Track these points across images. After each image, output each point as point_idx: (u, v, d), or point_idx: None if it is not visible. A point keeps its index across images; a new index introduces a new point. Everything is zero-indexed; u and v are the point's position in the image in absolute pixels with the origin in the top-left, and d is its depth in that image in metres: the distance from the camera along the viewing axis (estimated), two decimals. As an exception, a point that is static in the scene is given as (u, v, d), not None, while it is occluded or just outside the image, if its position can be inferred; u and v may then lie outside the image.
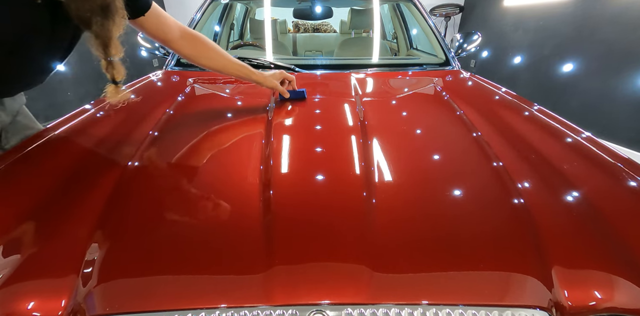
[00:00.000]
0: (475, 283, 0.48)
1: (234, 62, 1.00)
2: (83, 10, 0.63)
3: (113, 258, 0.51)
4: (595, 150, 0.80)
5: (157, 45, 1.69)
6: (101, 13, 0.65)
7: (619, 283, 0.48)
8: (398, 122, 1.00)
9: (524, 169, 0.73)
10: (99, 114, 1.01)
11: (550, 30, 3.33)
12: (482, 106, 1.11)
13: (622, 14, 2.57)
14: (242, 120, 0.99)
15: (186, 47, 0.94)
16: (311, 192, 0.66)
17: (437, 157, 0.81)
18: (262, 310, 0.45)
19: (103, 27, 0.66)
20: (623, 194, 0.67)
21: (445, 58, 1.60)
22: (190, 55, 0.95)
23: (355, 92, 1.19)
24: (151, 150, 0.79)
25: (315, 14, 2.23)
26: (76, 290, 0.46)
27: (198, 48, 0.95)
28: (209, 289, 0.47)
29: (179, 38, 0.91)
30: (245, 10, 2.91)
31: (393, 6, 2.40)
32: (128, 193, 0.65)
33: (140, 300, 0.46)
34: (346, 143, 0.84)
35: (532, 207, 0.61)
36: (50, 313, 0.43)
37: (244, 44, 2.45)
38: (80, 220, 0.57)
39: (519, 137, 0.88)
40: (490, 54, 4.44)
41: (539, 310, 0.46)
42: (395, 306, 0.45)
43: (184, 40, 0.92)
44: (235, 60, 1.01)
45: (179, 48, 0.93)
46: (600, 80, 2.75)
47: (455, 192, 0.66)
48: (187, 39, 0.93)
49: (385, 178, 0.69)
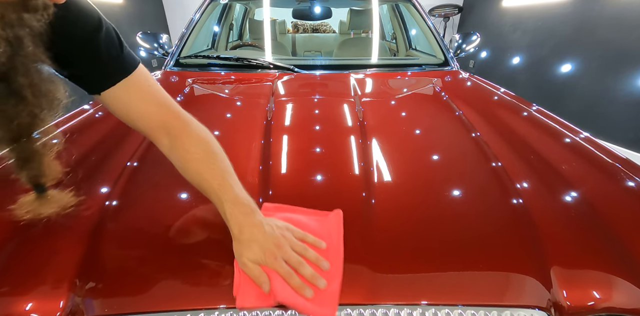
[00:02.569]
0: (474, 283, 0.48)
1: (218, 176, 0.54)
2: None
3: (112, 258, 0.51)
4: (594, 150, 0.81)
5: (155, 46, 1.69)
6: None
7: (618, 283, 0.49)
8: (397, 122, 1.00)
9: (522, 169, 0.73)
10: (97, 114, 1.01)
11: (549, 31, 3.33)
12: (481, 106, 1.12)
13: (621, 14, 2.58)
14: (241, 120, 0.99)
15: (168, 143, 0.56)
16: (310, 193, 0.66)
17: (436, 157, 0.81)
18: (262, 311, 0.45)
19: (1, 112, 0.39)
20: (621, 194, 0.67)
21: (444, 58, 1.61)
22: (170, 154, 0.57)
23: (355, 92, 1.19)
24: (150, 151, 0.79)
25: (315, 14, 2.23)
26: (74, 291, 0.46)
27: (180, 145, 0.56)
28: (208, 289, 0.47)
29: (157, 129, 0.56)
30: (244, 10, 2.91)
31: (392, 7, 2.40)
32: (127, 194, 0.64)
33: (138, 301, 0.46)
34: (345, 144, 0.84)
35: (531, 207, 0.61)
36: (49, 314, 0.43)
37: (243, 44, 2.45)
38: (79, 220, 0.57)
39: (518, 138, 0.88)
40: (489, 54, 4.45)
41: (538, 310, 0.46)
42: (394, 307, 0.45)
43: (164, 134, 0.56)
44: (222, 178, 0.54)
45: (158, 144, 0.58)
46: (599, 81, 2.75)
47: (454, 192, 0.66)
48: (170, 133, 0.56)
49: (385, 179, 0.69)
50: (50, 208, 0.49)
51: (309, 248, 0.50)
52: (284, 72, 1.41)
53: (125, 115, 0.55)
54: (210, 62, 1.52)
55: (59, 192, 0.49)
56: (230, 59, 1.48)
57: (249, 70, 1.46)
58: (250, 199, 0.53)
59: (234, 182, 0.53)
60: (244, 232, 0.49)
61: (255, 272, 0.46)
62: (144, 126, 0.55)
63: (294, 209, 0.59)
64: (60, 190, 0.49)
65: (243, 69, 1.47)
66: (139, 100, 0.54)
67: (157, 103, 0.56)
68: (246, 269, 0.47)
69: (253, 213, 0.51)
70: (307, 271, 0.47)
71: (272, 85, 1.26)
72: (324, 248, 0.52)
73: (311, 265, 0.48)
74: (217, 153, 0.56)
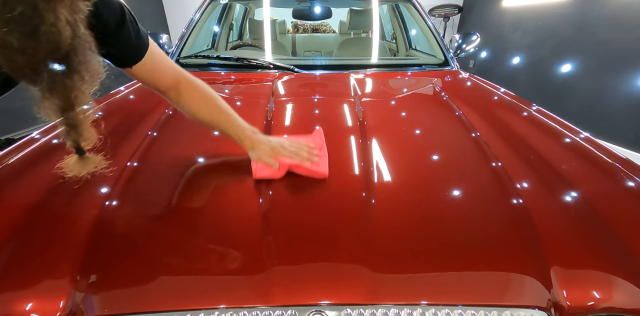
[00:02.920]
0: (474, 283, 0.48)
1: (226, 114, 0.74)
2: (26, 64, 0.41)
3: (111, 259, 0.51)
4: (594, 150, 0.81)
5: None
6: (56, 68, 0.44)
7: (618, 283, 0.49)
8: (397, 122, 1.00)
9: (522, 169, 0.73)
10: (97, 114, 1.01)
11: (549, 31, 3.33)
12: (481, 106, 1.12)
13: (621, 14, 2.58)
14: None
15: (176, 96, 0.72)
16: (310, 192, 0.66)
17: (436, 157, 0.81)
18: (262, 311, 0.45)
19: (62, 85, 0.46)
20: (621, 194, 0.67)
21: (444, 58, 1.61)
22: (178, 104, 0.73)
23: (355, 92, 1.19)
24: (150, 151, 0.79)
25: (315, 14, 2.23)
26: (74, 291, 0.46)
27: (190, 97, 0.72)
28: (208, 289, 0.47)
29: (171, 87, 0.71)
30: (244, 10, 2.91)
31: (392, 7, 2.40)
32: (127, 194, 0.64)
33: (138, 301, 0.46)
34: (345, 144, 0.84)
35: (531, 207, 0.61)
36: (49, 314, 0.43)
37: (243, 44, 2.45)
38: (78, 220, 0.57)
39: (518, 138, 0.88)
40: (489, 54, 4.45)
41: (538, 310, 0.46)
42: (394, 307, 0.45)
43: (175, 90, 0.71)
44: (229, 115, 0.74)
45: (169, 98, 0.73)
46: (599, 81, 2.75)
47: (454, 192, 0.66)
48: (179, 89, 0.71)
49: (385, 179, 0.69)
50: (87, 168, 0.57)
51: (303, 147, 0.73)
52: (284, 72, 1.41)
53: (152, 80, 0.68)
54: (210, 62, 1.52)
55: (95, 155, 0.58)
56: (230, 59, 1.48)
57: (249, 70, 1.46)
58: (251, 126, 0.74)
59: (236, 116, 0.74)
60: (254, 142, 0.72)
61: (269, 160, 0.68)
62: (163, 85, 0.70)
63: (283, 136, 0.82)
64: (95, 153, 0.58)
65: (243, 69, 1.47)
66: (161, 66, 0.68)
67: (171, 67, 0.70)
68: (262, 161, 0.69)
69: (257, 134, 0.74)
70: (304, 154, 0.71)
71: (272, 85, 1.26)
72: (312, 145, 0.75)
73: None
74: (218, 98, 0.73)
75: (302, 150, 0.72)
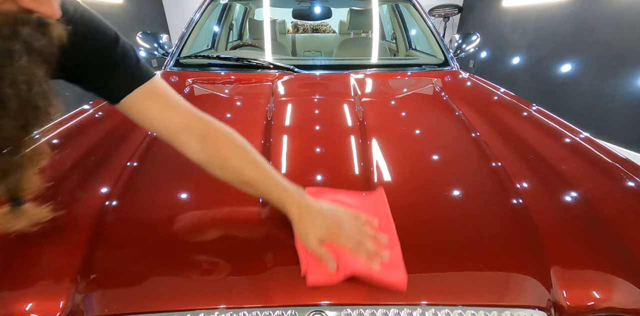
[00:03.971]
0: (474, 283, 0.48)
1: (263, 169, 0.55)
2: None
3: (111, 259, 0.51)
4: (594, 150, 0.81)
5: (155, 46, 1.69)
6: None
7: (618, 283, 0.49)
8: (397, 122, 1.00)
9: (522, 169, 0.73)
10: (97, 115, 1.01)
11: (549, 31, 3.33)
12: (481, 106, 1.12)
13: (621, 14, 2.58)
14: (241, 120, 0.99)
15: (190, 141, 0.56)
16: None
17: (436, 157, 0.81)
18: (261, 311, 0.45)
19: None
20: (621, 194, 0.67)
21: (444, 58, 1.61)
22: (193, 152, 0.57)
23: (355, 92, 1.19)
24: (150, 151, 0.79)
25: (315, 14, 2.23)
26: (74, 291, 0.46)
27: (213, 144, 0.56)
28: (208, 289, 0.47)
29: (182, 129, 0.56)
30: (244, 10, 2.91)
31: (392, 7, 2.40)
32: (126, 194, 0.64)
33: (138, 301, 0.46)
34: (345, 144, 0.84)
35: (531, 207, 0.61)
36: (49, 314, 0.43)
37: (243, 44, 2.46)
38: (78, 221, 0.57)
39: (518, 138, 0.88)
40: (489, 54, 4.45)
41: (538, 310, 0.46)
42: (394, 307, 0.45)
43: (190, 133, 0.56)
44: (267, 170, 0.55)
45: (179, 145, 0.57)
46: (599, 81, 2.75)
47: (454, 192, 0.66)
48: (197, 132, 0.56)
49: (385, 179, 0.69)
50: (22, 222, 0.47)
51: (365, 225, 0.54)
52: (284, 72, 1.41)
53: (145, 121, 0.55)
54: (210, 62, 1.52)
55: (36, 206, 0.48)
56: (230, 59, 1.48)
57: (249, 70, 1.46)
58: (295, 185, 0.55)
59: (274, 171, 0.55)
60: (303, 214, 0.52)
61: (321, 251, 0.49)
62: (165, 129, 0.56)
63: (337, 191, 0.61)
64: (38, 204, 0.48)
65: (243, 69, 1.47)
66: (156, 104, 0.55)
67: (176, 107, 0.56)
68: (313, 247, 0.49)
69: (305, 197, 0.54)
70: (369, 246, 0.50)
71: (272, 85, 1.26)
72: (377, 224, 0.55)
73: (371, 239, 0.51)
74: (248, 146, 0.57)
75: (366, 236, 0.52)
